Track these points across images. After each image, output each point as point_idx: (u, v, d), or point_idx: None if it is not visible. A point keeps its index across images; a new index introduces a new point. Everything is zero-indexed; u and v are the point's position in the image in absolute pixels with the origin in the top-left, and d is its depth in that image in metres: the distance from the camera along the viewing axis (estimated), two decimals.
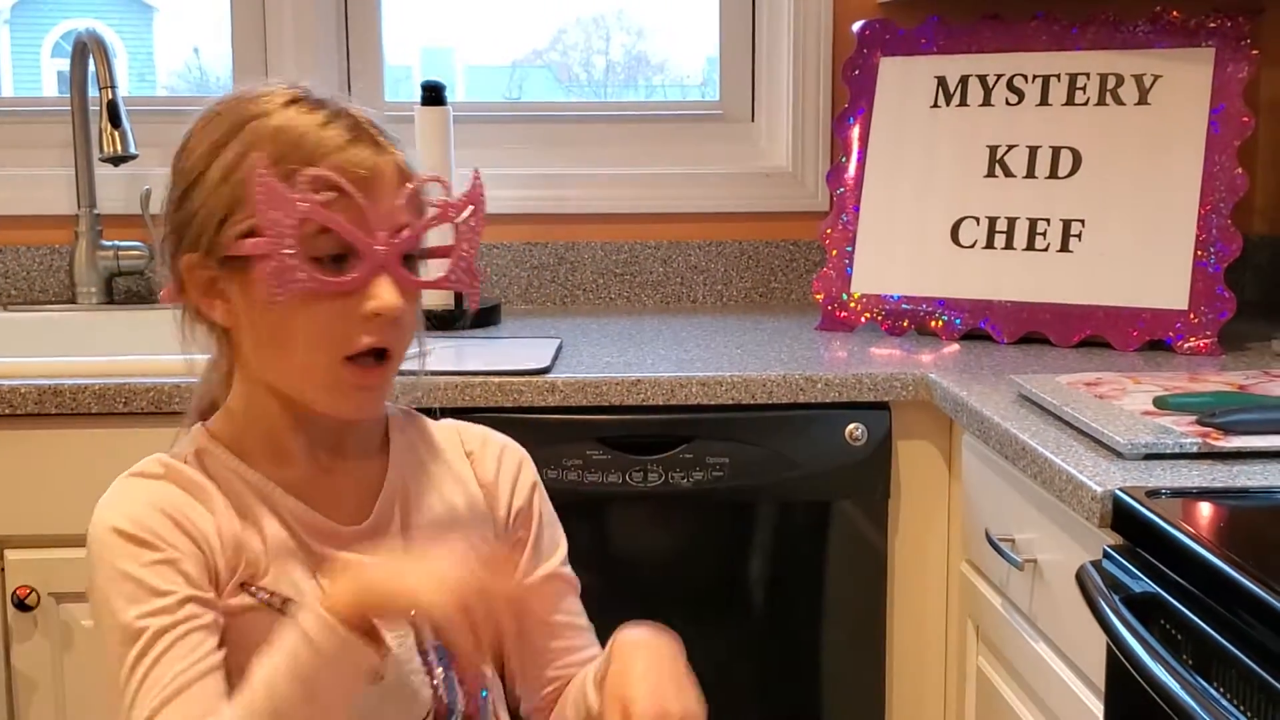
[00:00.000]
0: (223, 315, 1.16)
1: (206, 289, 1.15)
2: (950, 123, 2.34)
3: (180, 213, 1.15)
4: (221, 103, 1.17)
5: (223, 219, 1.12)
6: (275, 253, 1.09)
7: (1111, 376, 1.85)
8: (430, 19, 2.85)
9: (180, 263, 1.15)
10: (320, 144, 1.12)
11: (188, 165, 1.15)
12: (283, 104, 1.15)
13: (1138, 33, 2.24)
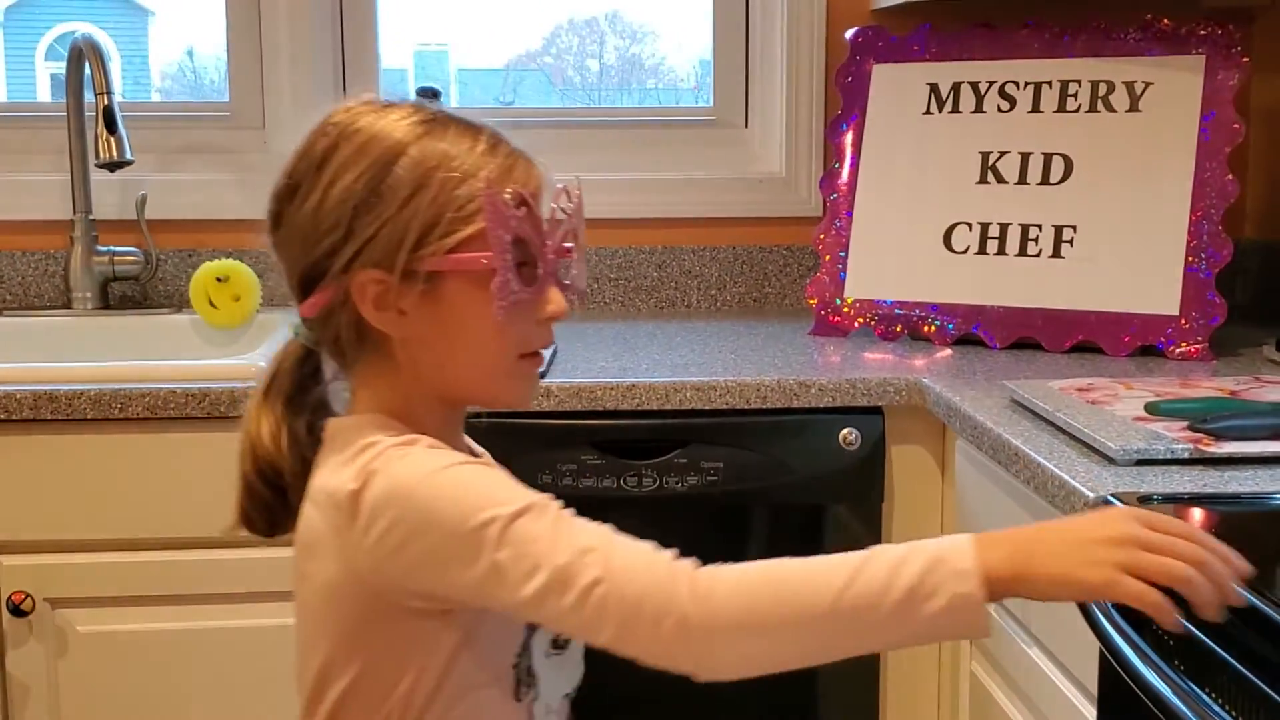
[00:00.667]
0: (395, 327, 1.16)
1: (379, 303, 1.15)
2: (943, 129, 2.35)
3: (352, 231, 1.14)
4: (355, 121, 1.18)
5: (419, 236, 1.13)
6: (502, 268, 1.13)
7: (1103, 382, 1.86)
8: (424, 21, 2.86)
9: (354, 278, 1.14)
10: (512, 162, 1.17)
11: (349, 184, 1.14)
12: (434, 122, 1.18)
13: (1129, 40, 2.25)
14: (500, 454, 2.00)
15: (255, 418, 1.21)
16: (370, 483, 1.10)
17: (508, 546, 1.05)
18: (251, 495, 1.22)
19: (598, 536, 1.06)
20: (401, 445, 1.13)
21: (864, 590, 1.00)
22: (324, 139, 1.17)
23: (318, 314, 1.18)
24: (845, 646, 1.04)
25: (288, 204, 1.17)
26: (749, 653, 1.03)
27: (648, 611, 1.01)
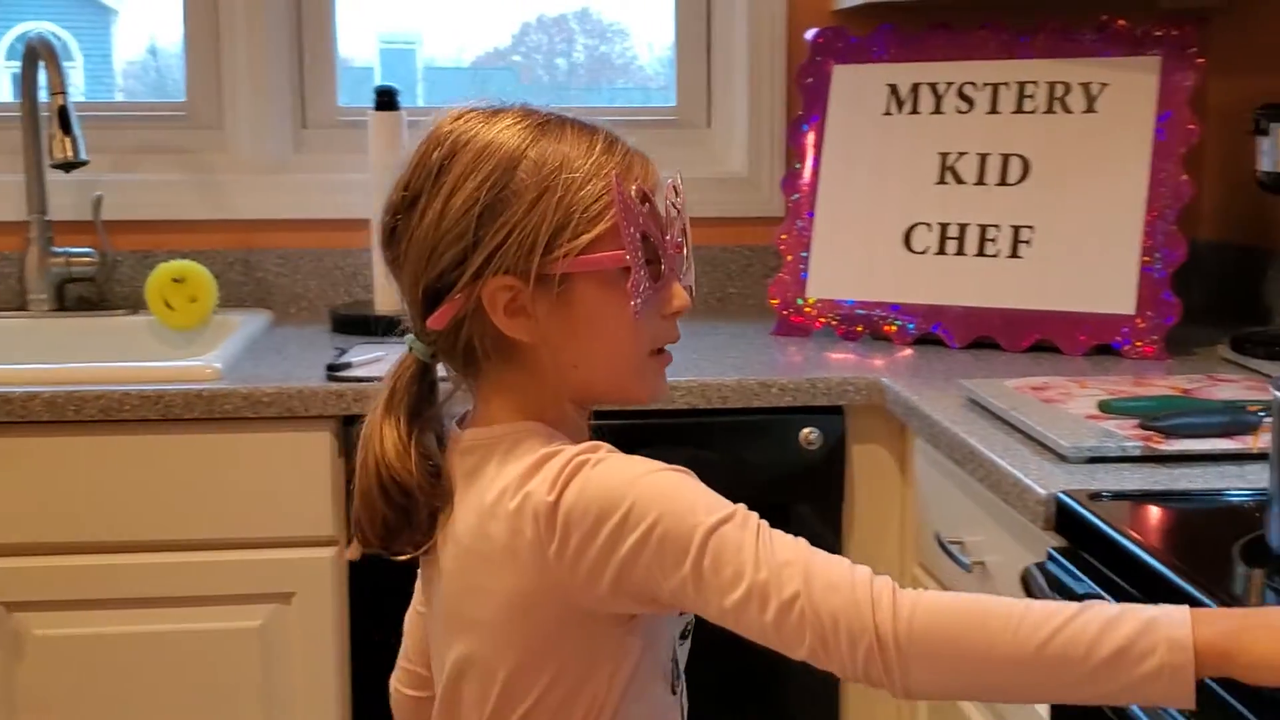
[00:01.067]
0: (528, 332, 1.15)
1: (510, 309, 1.14)
2: (902, 130, 2.36)
3: (480, 239, 1.13)
4: (467, 129, 1.17)
5: (550, 240, 1.12)
6: (635, 265, 1.14)
7: (1058, 381, 1.87)
8: (390, 19, 2.85)
9: (484, 287, 1.13)
10: (630, 160, 1.17)
11: (472, 191, 1.13)
12: (548, 124, 1.17)
13: (1085, 41, 2.27)
14: None
15: (378, 435, 1.18)
16: (567, 492, 1.09)
17: (710, 554, 1.05)
18: (370, 511, 1.20)
19: (797, 550, 1.05)
20: (588, 452, 1.12)
21: (1072, 640, 0.97)
22: (438, 149, 1.16)
23: (447, 325, 1.15)
24: (1043, 693, 1.03)
25: (406, 216, 1.16)
26: (944, 681, 1.01)
27: (845, 630, 1.01)
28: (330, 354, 2.16)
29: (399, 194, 1.17)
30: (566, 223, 1.13)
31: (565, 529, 1.08)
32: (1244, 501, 1.38)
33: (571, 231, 1.13)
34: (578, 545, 1.08)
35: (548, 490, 1.09)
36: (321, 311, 2.55)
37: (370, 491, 1.19)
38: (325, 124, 2.67)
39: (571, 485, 1.09)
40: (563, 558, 1.08)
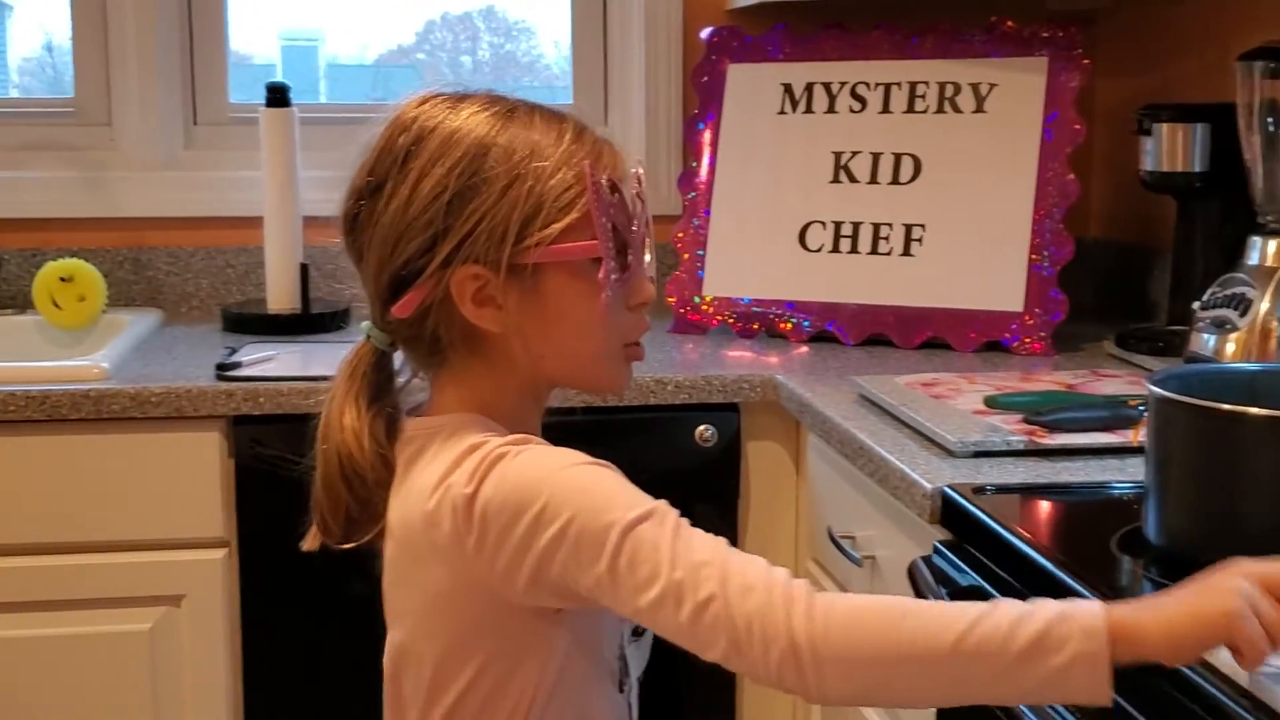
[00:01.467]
0: (495, 322, 1.13)
1: (479, 298, 1.12)
2: (796, 129, 2.37)
3: (449, 227, 1.11)
4: (434, 115, 1.15)
5: (520, 229, 1.11)
6: (607, 255, 1.12)
7: (948, 377, 1.90)
8: (293, 16, 2.82)
9: (453, 275, 1.11)
10: (600, 149, 1.15)
11: (440, 178, 1.12)
12: (515, 111, 1.15)
13: (974, 42, 2.30)
14: None
15: (338, 424, 1.17)
16: (485, 484, 1.07)
17: (626, 553, 1.02)
18: (334, 501, 1.18)
19: (715, 550, 1.03)
20: (511, 444, 1.10)
21: (988, 635, 0.96)
22: (404, 134, 1.14)
23: (412, 313, 1.13)
24: (961, 691, 1.00)
25: (371, 202, 1.14)
26: (860, 685, 0.99)
27: (759, 634, 0.99)
28: (220, 353, 2.14)
29: (364, 179, 1.15)
30: (537, 212, 1.11)
31: (482, 522, 1.07)
32: (1124, 494, 1.40)
33: (542, 221, 1.11)
34: (495, 539, 1.06)
35: (466, 482, 1.08)
36: (213, 310, 2.52)
37: (333, 481, 1.17)
38: (216, 121, 2.63)
39: (489, 478, 1.07)
40: (481, 551, 1.07)
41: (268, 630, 2.05)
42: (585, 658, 1.16)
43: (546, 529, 1.04)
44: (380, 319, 1.17)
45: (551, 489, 1.06)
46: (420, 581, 1.13)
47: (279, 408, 1.98)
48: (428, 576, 1.12)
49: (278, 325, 2.36)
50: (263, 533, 2.02)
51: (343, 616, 2.06)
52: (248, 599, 2.03)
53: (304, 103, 2.49)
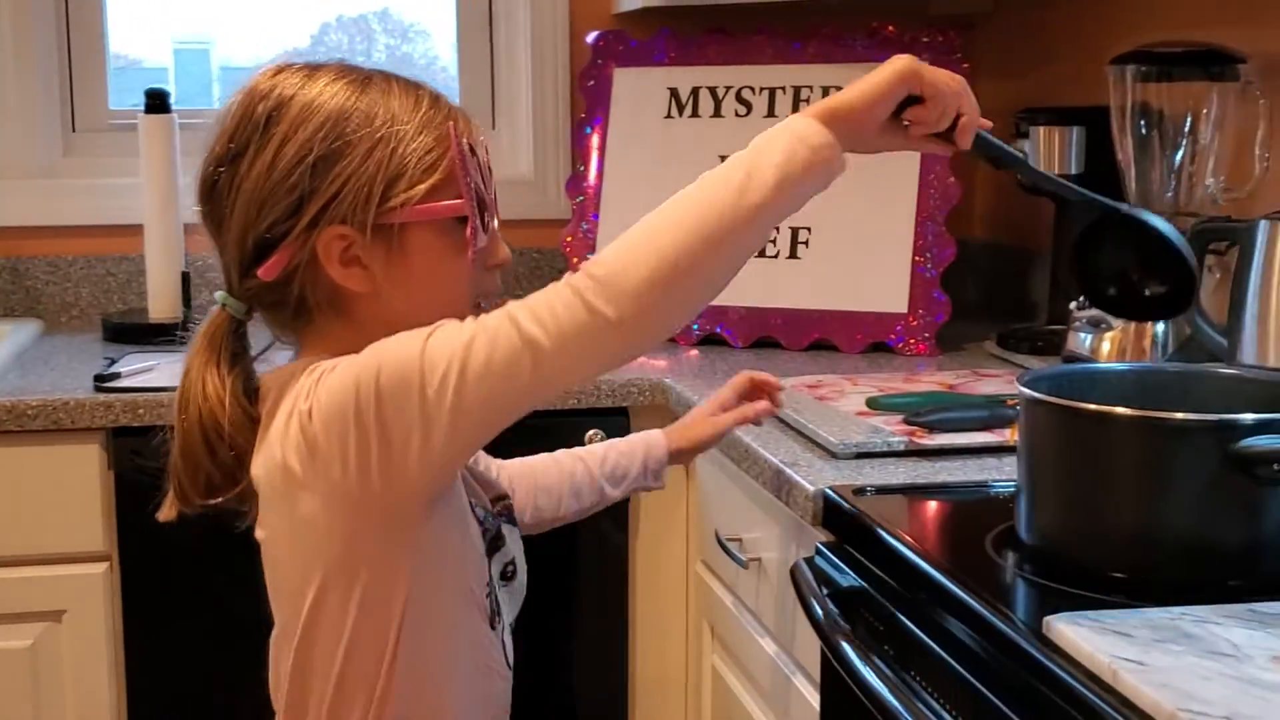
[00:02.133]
0: (361, 282, 1.16)
1: (343, 258, 1.15)
2: (683, 133, 2.38)
3: (315, 190, 1.14)
4: (291, 84, 1.17)
5: (385, 190, 1.14)
6: (472, 214, 1.17)
7: (832, 379, 1.91)
8: (185, 20, 2.78)
9: (319, 237, 1.14)
10: (456, 114, 1.19)
11: (304, 141, 1.14)
12: (372, 79, 1.19)
13: (856, 47, 2.32)
14: None
15: (199, 389, 1.19)
16: (315, 397, 1.11)
17: (429, 354, 1.07)
18: (193, 468, 1.20)
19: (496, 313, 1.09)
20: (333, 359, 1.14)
21: (716, 180, 1.10)
22: (263, 101, 1.16)
23: (278, 275, 1.16)
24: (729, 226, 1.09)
25: (231, 168, 1.16)
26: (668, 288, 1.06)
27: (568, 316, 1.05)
28: (100, 364, 2.10)
29: (224, 146, 1.17)
30: (401, 173, 1.15)
31: (324, 429, 1.10)
32: (1001, 493, 1.42)
33: (407, 182, 1.15)
34: (338, 440, 1.09)
35: (304, 400, 1.12)
36: (94, 320, 2.47)
37: (193, 448, 1.19)
38: (95, 127, 2.59)
39: (318, 389, 1.11)
40: (330, 459, 1.10)
41: (150, 644, 2.01)
42: (451, 583, 1.19)
43: (369, 396, 1.08)
44: (238, 286, 1.19)
45: (359, 367, 1.10)
46: (288, 516, 1.15)
47: (159, 418, 1.94)
48: (297, 511, 1.14)
49: (160, 334, 2.32)
50: (144, 545, 1.99)
51: (226, 629, 2.03)
52: (130, 613, 2.00)
53: (191, 108, 2.45)
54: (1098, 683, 0.94)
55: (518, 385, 1.07)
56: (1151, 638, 0.97)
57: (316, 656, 1.18)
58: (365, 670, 1.17)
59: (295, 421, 1.12)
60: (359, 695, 1.18)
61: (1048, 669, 0.99)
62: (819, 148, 1.12)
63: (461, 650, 1.22)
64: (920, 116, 1.18)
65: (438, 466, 1.11)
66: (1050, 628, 1.01)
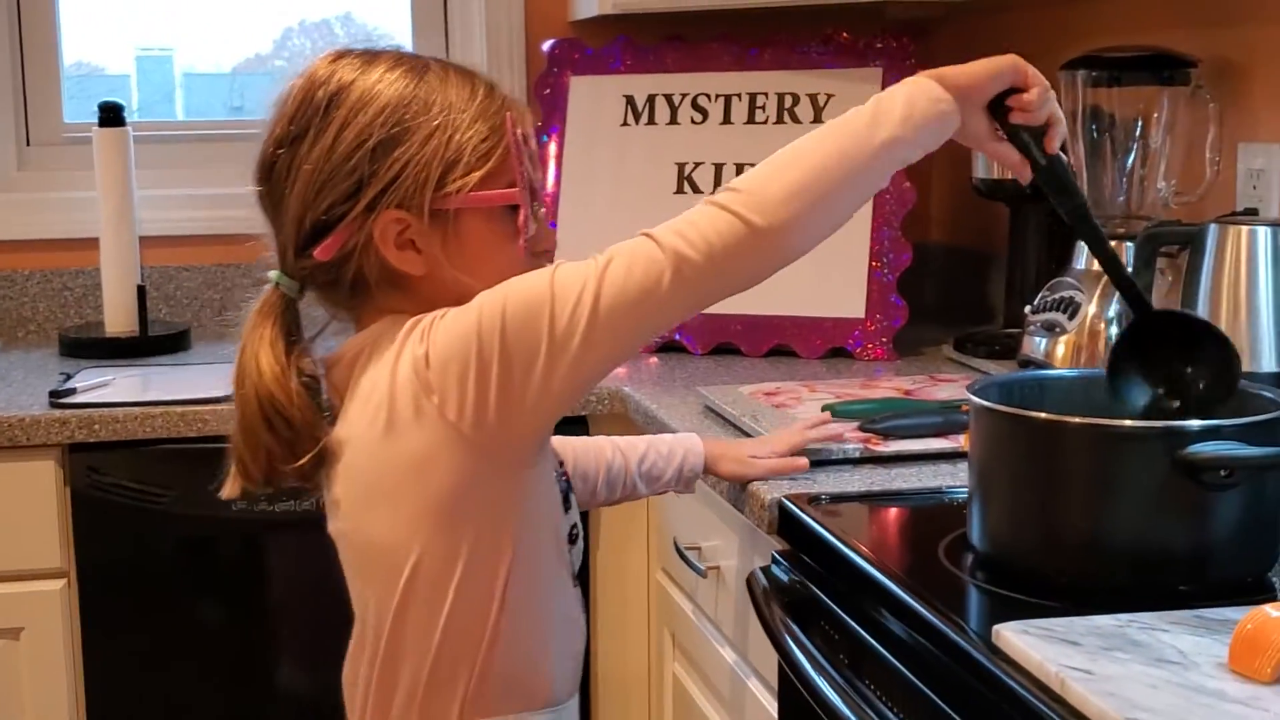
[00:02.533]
0: (415, 265, 1.19)
1: (399, 241, 1.18)
2: (640, 141, 2.39)
3: (374, 174, 1.17)
4: (350, 70, 1.20)
5: (441, 176, 1.17)
6: (524, 203, 1.21)
7: (789, 386, 1.92)
8: (147, 26, 2.76)
9: (377, 220, 1.17)
10: (511, 105, 1.23)
11: (364, 125, 1.17)
12: (430, 68, 1.22)
13: (811, 54, 2.33)
14: (189, 479, 1.96)
15: (254, 366, 1.20)
16: (431, 340, 1.14)
17: (559, 282, 1.11)
18: (253, 444, 1.20)
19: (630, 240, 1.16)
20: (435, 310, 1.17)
21: (842, 121, 1.19)
22: (322, 87, 1.19)
23: (333, 256, 1.18)
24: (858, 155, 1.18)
25: (291, 150, 1.19)
26: (809, 201, 1.15)
27: (712, 226, 1.13)
28: (56, 379, 2.09)
29: (284, 128, 1.20)
30: (457, 160, 1.18)
31: (441, 371, 1.13)
32: (955, 500, 1.43)
33: (463, 169, 1.18)
34: (456, 379, 1.12)
35: (418, 344, 1.14)
36: (51, 334, 2.46)
37: (252, 423, 1.20)
38: (49, 141, 2.57)
39: (434, 332, 1.14)
40: (446, 400, 1.13)
41: (109, 661, 2.00)
42: (548, 534, 1.23)
43: (493, 329, 1.11)
44: (292, 266, 1.21)
45: (481, 304, 1.13)
46: (397, 472, 1.16)
47: (116, 434, 1.94)
48: (402, 460, 1.15)
49: (116, 348, 2.32)
50: (102, 562, 1.98)
51: (184, 645, 2.03)
52: (88, 630, 1.99)
53: (155, 119, 2.44)
54: (1046, 691, 0.95)
55: (656, 298, 1.12)
56: (1099, 645, 0.98)
57: (415, 616, 1.19)
58: (471, 627, 1.19)
59: (407, 368, 1.14)
60: (464, 654, 1.20)
61: (997, 678, 0.99)
62: (938, 99, 1.19)
63: (556, 603, 1.26)
64: (1023, 102, 1.22)
65: (555, 398, 1.14)
66: (999, 636, 1.02)
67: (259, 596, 2.04)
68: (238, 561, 2.05)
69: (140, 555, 2.00)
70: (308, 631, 2.05)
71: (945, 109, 1.19)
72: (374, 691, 1.23)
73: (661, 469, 1.54)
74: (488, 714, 1.21)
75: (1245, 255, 1.59)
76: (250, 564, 2.04)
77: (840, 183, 1.17)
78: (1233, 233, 1.60)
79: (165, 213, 2.50)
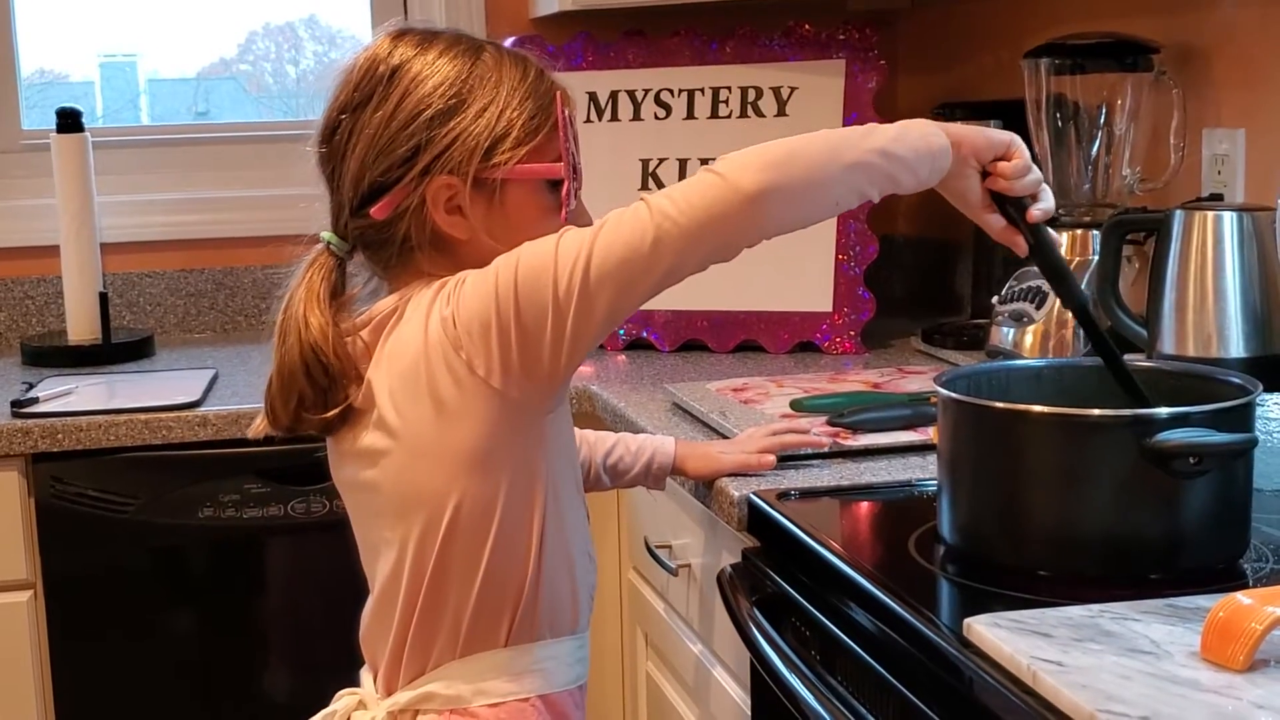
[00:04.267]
0: (461, 229, 1.26)
1: (448, 206, 1.25)
2: (603, 137, 2.37)
3: (431, 140, 1.24)
4: (412, 46, 1.27)
5: (490, 146, 1.25)
6: (569, 177, 1.28)
7: (757, 381, 1.91)
8: (110, 30, 2.73)
9: (429, 184, 1.24)
10: (558, 87, 1.30)
11: (423, 95, 1.24)
12: (484, 48, 1.29)
13: (774, 47, 2.32)
14: (155, 487, 1.94)
15: (302, 320, 1.26)
16: (458, 301, 1.21)
17: (563, 246, 1.18)
18: (287, 391, 1.27)
19: None
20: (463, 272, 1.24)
21: (832, 131, 1.23)
22: (384, 61, 1.27)
23: (388, 215, 1.25)
24: (839, 160, 1.21)
25: (354, 116, 1.26)
26: (789, 177, 1.19)
27: (697, 188, 1.19)
28: (18, 389, 2.06)
29: (348, 95, 1.27)
30: (507, 133, 1.25)
31: (467, 331, 1.19)
32: (925, 492, 1.42)
33: (512, 142, 1.25)
34: (479, 336, 1.19)
35: (445, 305, 1.22)
36: (13, 343, 2.43)
37: (293, 371, 1.26)
38: (7, 148, 2.54)
39: (460, 293, 1.21)
40: (474, 356, 1.19)
41: (77, 672, 1.98)
42: (569, 473, 1.32)
43: (508, 292, 1.18)
44: (346, 226, 1.28)
45: (499, 267, 1.20)
46: (436, 426, 1.22)
47: (80, 443, 1.92)
48: (438, 414, 1.22)
49: (79, 356, 2.30)
50: (69, 572, 1.96)
51: (153, 654, 2.01)
52: (55, 641, 1.97)
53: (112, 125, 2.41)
54: (1018, 684, 0.94)
55: (641, 256, 1.18)
56: (1071, 637, 0.97)
57: (460, 553, 1.25)
58: (513, 563, 1.26)
59: (436, 328, 1.21)
60: (509, 588, 1.26)
61: (968, 671, 0.99)
62: (933, 133, 1.25)
63: (580, 537, 1.33)
64: (1001, 169, 1.27)
65: (568, 353, 1.20)
66: (970, 629, 1.01)
67: (227, 604, 2.02)
68: (205, 570, 2.03)
69: (107, 565, 1.97)
70: (277, 638, 2.04)
71: (937, 143, 1.24)
72: (415, 630, 1.28)
73: (629, 464, 1.57)
74: (529, 639, 1.29)
75: (1212, 241, 1.58)
76: (218, 572, 2.02)
77: (825, 169, 1.21)
78: (1199, 219, 1.60)
79: (127, 219, 2.48)
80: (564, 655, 1.31)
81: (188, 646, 2.02)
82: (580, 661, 1.34)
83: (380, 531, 1.30)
